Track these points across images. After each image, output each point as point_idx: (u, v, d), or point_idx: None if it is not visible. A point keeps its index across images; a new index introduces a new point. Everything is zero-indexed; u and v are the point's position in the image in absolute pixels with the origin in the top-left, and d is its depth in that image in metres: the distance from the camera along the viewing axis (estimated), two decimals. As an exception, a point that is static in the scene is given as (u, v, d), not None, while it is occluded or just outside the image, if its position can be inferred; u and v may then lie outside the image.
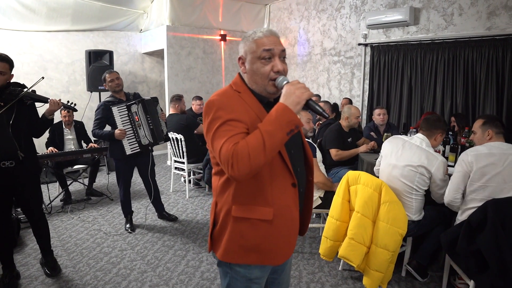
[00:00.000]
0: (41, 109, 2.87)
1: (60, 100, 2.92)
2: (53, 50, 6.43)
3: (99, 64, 6.18)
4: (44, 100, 2.88)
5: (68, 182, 4.80)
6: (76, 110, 3.24)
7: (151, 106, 3.67)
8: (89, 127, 5.50)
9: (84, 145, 5.03)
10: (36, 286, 2.77)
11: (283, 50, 1.35)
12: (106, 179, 5.76)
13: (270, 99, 1.40)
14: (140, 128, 3.56)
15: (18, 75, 6.00)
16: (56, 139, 4.85)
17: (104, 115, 3.55)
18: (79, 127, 5.07)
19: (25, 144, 2.71)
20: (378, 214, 2.45)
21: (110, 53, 6.31)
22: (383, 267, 2.40)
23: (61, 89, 6.55)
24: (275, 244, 1.36)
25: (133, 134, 3.56)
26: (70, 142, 4.97)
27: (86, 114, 6.57)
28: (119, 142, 3.52)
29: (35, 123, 2.84)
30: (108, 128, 3.60)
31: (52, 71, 6.45)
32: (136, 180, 3.90)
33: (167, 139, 3.89)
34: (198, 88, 7.03)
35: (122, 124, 3.52)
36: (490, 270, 2.06)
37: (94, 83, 6.14)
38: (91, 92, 6.27)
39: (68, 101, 3.12)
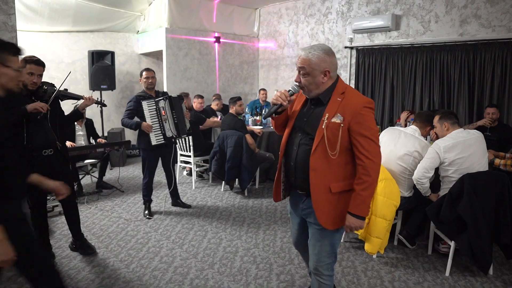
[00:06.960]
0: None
1: (91, 96, 3.31)
2: (55, 50, 6.65)
3: (101, 64, 6.47)
4: (77, 97, 3.28)
5: (80, 176, 5.10)
6: (105, 105, 3.63)
7: (177, 102, 4.03)
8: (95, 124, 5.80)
9: (92, 141, 5.34)
10: (76, 264, 3.09)
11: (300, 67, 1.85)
12: (110, 174, 6.04)
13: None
14: (166, 122, 3.94)
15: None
16: (68, 135, 5.12)
17: (135, 107, 3.95)
18: (89, 124, 5.37)
19: (60, 135, 3.09)
20: (376, 190, 2.96)
21: (112, 54, 6.61)
22: (382, 233, 2.91)
23: (61, 88, 6.75)
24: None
25: (159, 127, 3.94)
26: (80, 138, 5.26)
27: (90, 111, 6.81)
28: (146, 134, 3.90)
29: (64, 117, 3.24)
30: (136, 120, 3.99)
31: (53, 71, 6.65)
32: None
33: (189, 133, 4.27)
34: (194, 88, 7.40)
35: (150, 117, 3.91)
36: (468, 230, 2.60)
37: (96, 82, 6.44)
38: (93, 90, 6.53)
39: (97, 98, 3.53)
